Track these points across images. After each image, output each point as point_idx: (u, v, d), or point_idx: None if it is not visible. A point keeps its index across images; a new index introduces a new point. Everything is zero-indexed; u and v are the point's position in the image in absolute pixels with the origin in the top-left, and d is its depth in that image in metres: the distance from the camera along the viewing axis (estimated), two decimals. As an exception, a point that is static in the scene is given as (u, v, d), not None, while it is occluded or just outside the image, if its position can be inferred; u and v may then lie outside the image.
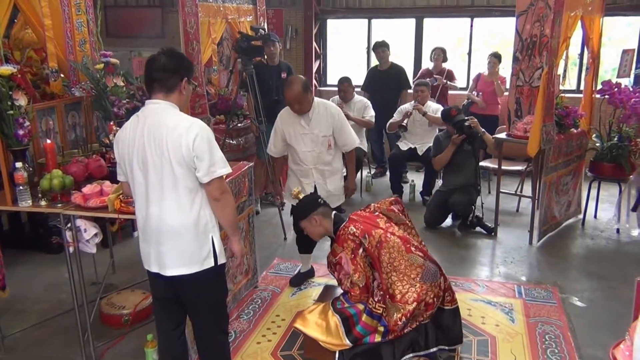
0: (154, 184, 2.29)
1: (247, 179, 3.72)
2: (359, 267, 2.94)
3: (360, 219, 3.10)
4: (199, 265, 2.38)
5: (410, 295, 2.88)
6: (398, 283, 2.91)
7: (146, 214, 2.35)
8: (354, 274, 2.95)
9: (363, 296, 2.97)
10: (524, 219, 5.38)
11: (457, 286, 3.98)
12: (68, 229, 2.94)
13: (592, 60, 5.29)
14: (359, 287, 2.96)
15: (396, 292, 2.90)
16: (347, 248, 2.97)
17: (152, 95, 2.35)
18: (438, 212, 5.23)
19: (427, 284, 2.92)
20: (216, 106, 5.67)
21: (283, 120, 3.85)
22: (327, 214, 3.20)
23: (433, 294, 2.93)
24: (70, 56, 3.96)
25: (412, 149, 5.96)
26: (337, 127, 3.79)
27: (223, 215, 2.40)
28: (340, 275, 3.04)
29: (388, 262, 2.93)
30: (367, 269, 2.96)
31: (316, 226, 3.17)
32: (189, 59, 2.59)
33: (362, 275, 2.95)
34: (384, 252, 2.94)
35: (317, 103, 3.79)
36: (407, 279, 2.92)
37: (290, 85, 3.64)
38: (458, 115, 4.99)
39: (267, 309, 3.72)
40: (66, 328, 3.47)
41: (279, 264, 4.48)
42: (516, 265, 4.41)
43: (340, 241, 3.01)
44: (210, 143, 2.28)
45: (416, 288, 2.90)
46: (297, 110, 3.70)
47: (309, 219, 3.18)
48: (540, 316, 3.59)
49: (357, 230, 2.99)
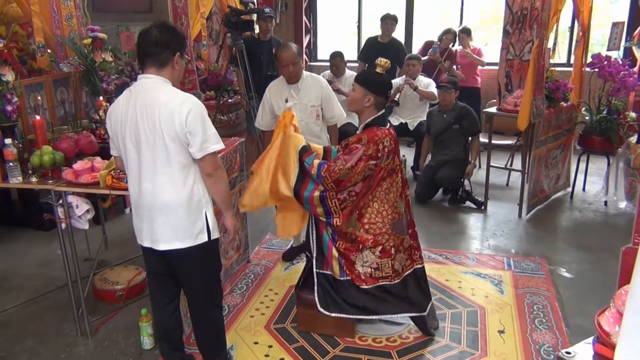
0: (147, 159, 2.29)
1: (239, 154, 3.72)
2: (358, 168, 2.83)
3: (394, 139, 2.98)
4: (192, 240, 2.39)
5: (374, 228, 2.90)
6: (373, 212, 2.91)
7: (139, 189, 2.35)
8: (349, 168, 2.82)
9: (336, 182, 2.84)
10: (513, 192, 5.43)
11: (447, 259, 4.04)
12: (60, 205, 2.94)
13: (582, 33, 5.28)
14: (338, 176, 2.82)
15: (365, 216, 2.91)
16: (369, 149, 2.84)
17: (144, 70, 2.34)
18: (428, 187, 5.27)
19: (392, 231, 2.93)
20: (206, 82, 5.63)
21: (272, 92, 3.86)
22: (379, 106, 3.00)
23: (393, 243, 2.94)
24: (57, 31, 3.90)
25: (403, 124, 5.96)
26: (325, 97, 3.82)
27: (216, 190, 2.41)
28: (341, 155, 2.93)
29: (383, 191, 2.92)
30: (359, 177, 2.86)
31: (363, 101, 2.95)
32: (179, 33, 2.56)
33: (349, 174, 2.83)
34: (389, 180, 2.92)
35: (305, 74, 3.84)
36: (382, 215, 2.92)
37: (286, 47, 3.74)
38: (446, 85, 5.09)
39: (260, 283, 3.76)
40: (60, 304, 3.49)
41: (271, 239, 4.50)
42: (506, 238, 4.46)
43: (370, 137, 2.87)
44: (203, 119, 2.27)
45: (381, 228, 2.91)
46: (291, 72, 3.72)
47: (366, 92, 2.93)
48: (529, 287, 3.65)
49: (389, 146, 2.90)
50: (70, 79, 3.75)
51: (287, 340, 3.10)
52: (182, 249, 2.39)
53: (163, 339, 2.72)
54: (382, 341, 3.06)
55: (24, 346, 3.12)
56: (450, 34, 6.67)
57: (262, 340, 3.11)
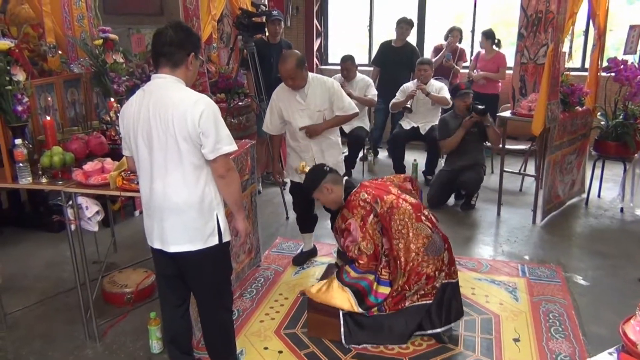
0: (159, 159, 2.28)
1: (250, 157, 3.69)
2: (368, 234, 2.93)
3: (371, 185, 3.08)
4: (203, 242, 2.37)
5: (413, 263, 2.89)
6: (404, 251, 2.92)
7: (150, 189, 2.34)
8: (362, 241, 2.93)
9: (371, 264, 2.97)
10: (527, 198, 5.37)
11: (460, 265, 3.98)
12: (69, 207, 2.92)
13: (598, 37, 5.23)
14: (367, 255, 2.95)
15: (402, 260, 2.92)
16: (357, 215, 2.94)
17: (158, 70, 2.33)
18: (442, 192, 5.23)
19: (429, 256, 2.91)
20: (217, 84, 5.63)
21: (279, 96, 3.81)
22: (337, 181, 3.17)
23: (435, 267, 2.93)
24: (69, 32, 3.90)
25: (414, 128, 5.92)
26: (331, 95, 3.73)
27: (228, 192, 2.39)
28: (347, 242, 3.02)
29: (397, 229, 2.92)
30: (377, 236, 2.95)
31: (329, 194, 3.14)
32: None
33: (370, 243, 2.94)
34: (395, 218, 2.92)
35: (312, 78, 3.75)
36: (412, 249, 2.91)
37: (284, 60, 3.59)
38: (467, 89, 4.99)
39: (270, 288, 3.73)
40: (68, 306, 3.48)
41: (282, 243, 4.47)
42: (520, 245, 4.41)
43: (351, 207, 2.99)
44: (216, 119, 2.25)
45: (418, 258, 2.90)
46: (290, 86, 3.67)
47: (320, 189, 3.15)
48: (544, 295, 3.60)
49: (369, 196, 2.96)
50: (81, 80, 3.74)
51: (297, 345, 3.06)
52: (193, 252, 2.37)
53: (172, 342, 2.69)
54: (395, 348, 3.01)
55: (31, 348, 3.11)
56: (456, 31, 6.64)
57: (272, 345, 3.07)
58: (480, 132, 4.98)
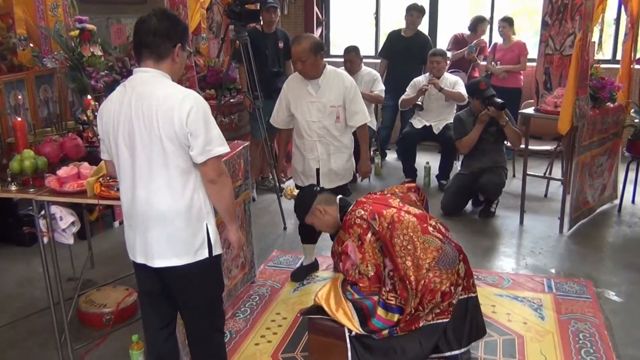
0: (142, 162, 2.28)
1: (243, 160, 3.70)
2: (367, 255, 2.94)
3: (369, 201, 3.09)
4: (192, 256, 2.37)
5: (424, 281, 2.89)
6: (413, 268, 2.91)
7: (132, 196, 2.33)
8: (362, 263, 2.95)
9: (374, 287, 2.97)
10: (553, 204, 5.37)
11: (479, 280, 3.98)
12: (42, 217, 2.93)
13: (630, 25, 5.24)
14: (368, 278, 2.97)
15: (412, 279, 2.91)
16: (354, 234, 2.96)
17: (141, 63, 2.33)
18: (459, 198, 5.24)
19: (442, 270, 2.92)
20: (205, 79, 5.64)
21: (290, 86, 3.88)
22: (330, 201, 3.20)
23: (449, 282, 2.92)
24: (41, 22, 3.93)
25: (426, 127, 5.93)
26: (348, 97, 3.80)
27: (219, 199, 2.39)
28: (346, 267, 3.04)
29: (402, 246, 2.92)
30: (378, 255, 2.96)
31: (323, 217, 3.18)
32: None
33: (370, 264, 2.95)
34: (398, 233, 2.93)
35: (329, 70, 3.80)
36: (422, 265, 2.91)
37: (299, 40, 3.69)
38: (487, 90, 4.95)
39: (266, 307, 3.73)
40: (41, 329, 3.47)
41: (279, 257, 4.48)
42: (545, 257, 4.41)
43: (346, 227, 3.01)
44: (206, 118, 2.26)
45: (430, 275, 2.90)
46: (299, 71, 3.72)
47: (312, 212, 3.19)
48: (573, 312, 3.60)
49: (365, 212, 2.98)
50: (54, 76, 3.76)
51: (297, 371, 3.07)
52: (180, 266, 2.36)
53: (157, 368, 2.69)
54: (406, 373, 3.01)
55: (0, 376, 3.11)
56: (486, 22, 6.64)
57: (269, 371, 3.08)
58: (500, 130, 4.99)
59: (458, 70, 6.56)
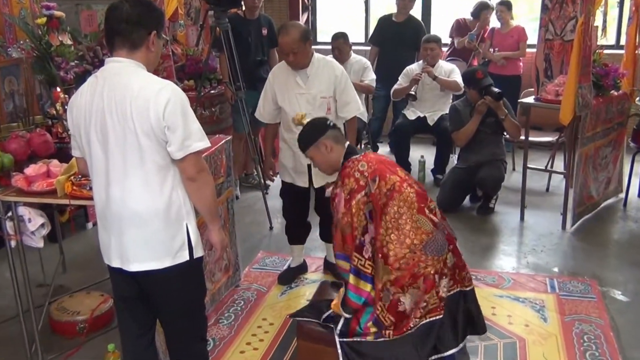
0: (116, 159, 2.26)
1: (225, 155, 3.69)
2: (350, 212, 2.88)
3: (377, 158, 3.04)
4: (171, 258, 2.35)
5: (405, 261, 2.85)
6: (396, 244, 2.86)
7: (106, 195, 2.32)
8: (343, 217, 2.90)
9: (346, 247, 2.93)
10: (555, 199, 5.40)
11: (478, 280, 3.99)
12: (9, 219, 2.91)
13: (635, 8, 5.26)
14: (342, 235, 2.91)
15: (390, 254, 2.87)
16: (347, 186, 2.91)
17: (113, 52, 2.31)
18: (455, 193, 5.26)
19: (428, 256, 2.89)
20: (184, 69, 5.62)
21: (276, 76, 3.85)
22: (339, 139, 3.13)
23: (434, 270, 2.88)
24: (5, 9, 3.89)
25: (420, 118, 5.93)
26: (339, 87, 3.79)
27: (200, 198, 2.38)
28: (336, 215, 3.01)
29: (392, 217, 2.88)
30: (361, 219, 2.90)
31: (327, 153, 3.09)
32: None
33: (348, 224, 2.90)
34: (393, 203, 2.88)
35: (317, 59, 3.78)
36: (407, 243, 2.88)
37: (286, 31, 3.63)
38: (484, 79, 4.95)
39: (251, 312, 3.72)
40: (10, 339, 3.43)
41: (265, 258, 4.47)
42: (547, 255, 4.43)
43: (343, 175, 2.96)
44: (184, 111, 2.24)
45: (414, 256, 2.86)
46: (291, 63, 3.68)
47: (317, 145, 3.10)
48: (577, 313, 3.62)
49: (369, 169, 2.93)
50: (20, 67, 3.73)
51: (285, 380, 3.07)
52: (158, 270, 2.35)
53: (135, 379, 2.67)
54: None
55: (-35, 390, 3.08)
56: (490, 10, 6.64)
57: (256, 380, 3.08)
58: (498, 121, 5.00)
59: (457, 59, 6.56)
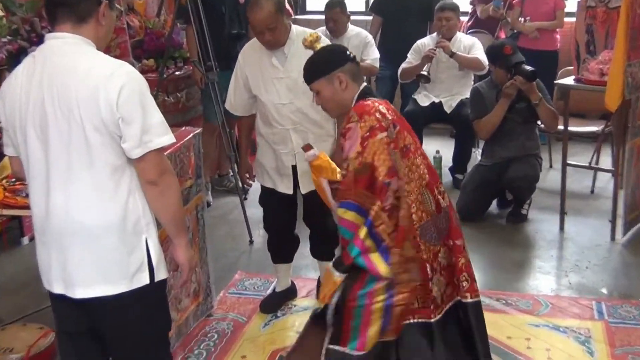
0: (58, 159, 2.26)
1: (193, 152, 3.68)
2: (368, 151, 2.82)
3: (396, 111, 3.05)
4: (127, 282, 2.35)
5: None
6: (405, 215, 2.86)
7: (46, 204, 2.31)
8: (356, 158, 2.83)
9: (358, 193, 2.84)
10: (602, 203, 5.43)
11: (508, 305, 4.01)
12: None
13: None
14: (353, 178, 2.84)
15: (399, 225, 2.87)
16: (366, 122, 2.86)
17: (55, 27, 2.31)
18: (479, 196, 5.27)
19: (420, 239, 2.89)
20: (142, 46, 5.62)
21: (246, 58, 3.83)
22: (357, 77, 3.11)
23: (427, 256, 2.89)
24: None
25: (435, 104, 5.95)
26: None
27: (163, 206, 2.38)
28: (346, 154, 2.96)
29: (404, 179, 2.88)
30: (385, 157, 2.83)
31: (340, 89, 3.05)
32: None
33: (365, 166, 2.83)
34: (406, 162, 2.89)
35: (296, 33, 3.75)
36: (412, 218, 2.89)
37: (258, 3, 3.58)
38: (514, 55, 4.94)
39: (227, 348, 3.72)
40: None
41: (243, 280, 4.48)
42: (594, 272, 4.45)
43: (363, 111, 2.91)
44: (143, 98, 2.25)
45: (410, 235, 2.87)
46: (268, 42, 3.66)
47: (330, 78, 3.05)
48: (631, 345, 3.63)
49: (388, 113, 2.93)
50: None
51: None
52: (111, 297, 2.35)
53: None
54: None
55: None
56: None
57: None
58: (530, 107, 5.00)
59: (481, 31, 6.57)
